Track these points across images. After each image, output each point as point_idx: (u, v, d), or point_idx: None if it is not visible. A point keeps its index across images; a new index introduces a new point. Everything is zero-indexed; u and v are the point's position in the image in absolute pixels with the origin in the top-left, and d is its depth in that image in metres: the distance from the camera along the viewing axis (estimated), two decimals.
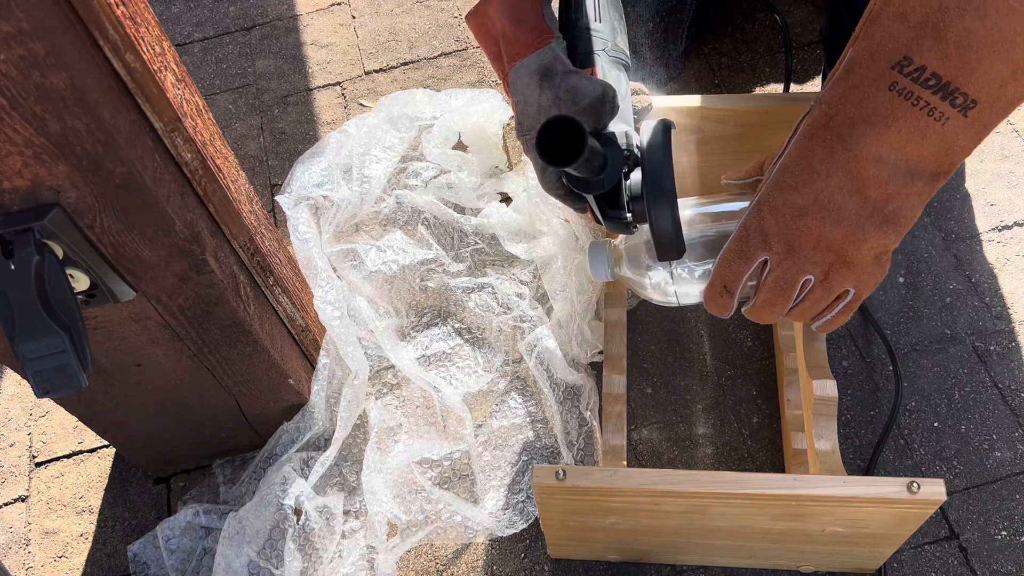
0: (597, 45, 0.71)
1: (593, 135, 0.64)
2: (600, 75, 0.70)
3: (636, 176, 0.65)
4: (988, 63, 0.48)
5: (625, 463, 0.85)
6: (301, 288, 0.93)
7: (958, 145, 0.51)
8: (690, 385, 0.98)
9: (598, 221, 0.69)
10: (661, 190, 0.61)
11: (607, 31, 0.73)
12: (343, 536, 0.90)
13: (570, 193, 0.69)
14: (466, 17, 0.73)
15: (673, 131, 0.64)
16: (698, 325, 1.01)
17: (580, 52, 0.71)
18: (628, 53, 0.75)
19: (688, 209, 0.69)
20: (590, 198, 0.67)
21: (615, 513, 0.74)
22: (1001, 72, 0.48)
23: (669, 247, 0.63)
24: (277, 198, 1.02)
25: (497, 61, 0.72)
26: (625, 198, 0.65)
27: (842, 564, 0.83)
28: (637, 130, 0.67)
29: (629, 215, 0.66)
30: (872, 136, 0.51)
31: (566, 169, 0.59)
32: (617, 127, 0.67)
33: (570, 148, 0.54)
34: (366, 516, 0.91)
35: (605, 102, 0.65)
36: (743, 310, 0.62)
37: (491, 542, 0.90)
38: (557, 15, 0.74)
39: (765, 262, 0.57)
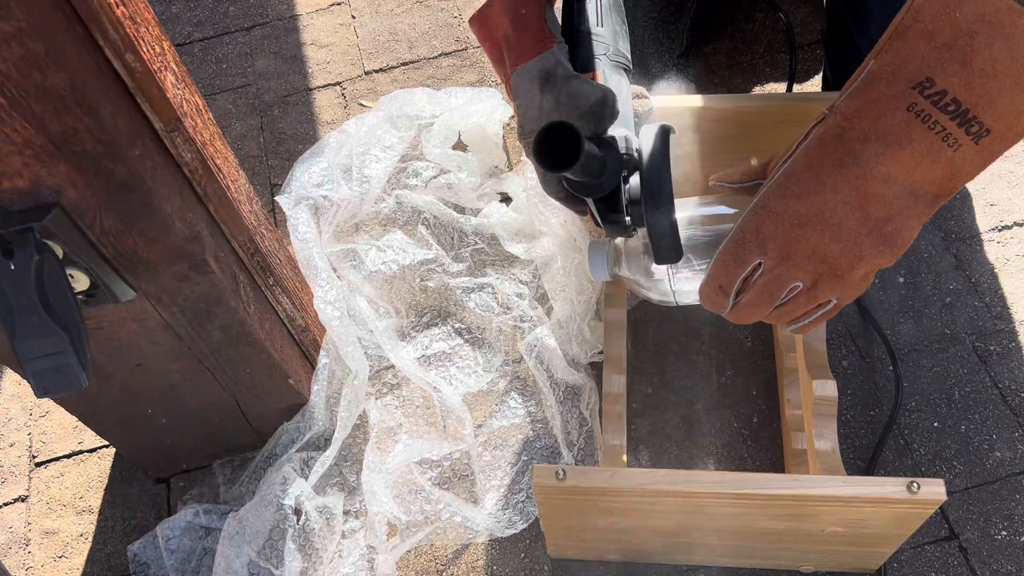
0: (598, 50, 0.72)
1: (593, 139, 0.64)
2: (601, 79, 0.70)
3: (635, 180, 0.65)
4: (1008, 94, 0.48)
5: (625, 463, 0.85)
6: (301, 288, 0.93)
7: (964, 171, 0.51)
8: (690, 385, 0.98)
9: (598, 224, 0.69)
10: (659, 195, 0.62)
11: (609, 35, 0.73)
12: (343, 536, 0.90)
13: (570, 196, 0.69)
14: (470, 20, 0.73)
15: (672, 135, 0.64)
16: (698, 325, 1.01)
17: (582, 56, 0.72)
18: (629, 57, 0.75)
19: (687, 210, 0.69)
20: (589, 201, 0.67)
21: (615, 513, 0.74)
22: (1019, 104, 0.48)
23: (667, 251, 0.63)
24: (277, 198, 1.02)
25: (499, 64, 0.72)
26: (624, 202, 0.66)
27: (842, 564, 0.83)
28: (638, 134, 0.67)
29: (628, 219, 0.66)
30: (885, 155, 0.51)
31: (564, 174, 0.59)
32: (617, 131, 0.67)
33: (567, 154, 0.54)
34: (366, 516, 0.91)
35: (605, 106, 0.65)
36: (723, 312, 0.63)
37: (491, 542, 0.90)
38: (560, 19, 0.74)
39: (759, 264, 0.57)
